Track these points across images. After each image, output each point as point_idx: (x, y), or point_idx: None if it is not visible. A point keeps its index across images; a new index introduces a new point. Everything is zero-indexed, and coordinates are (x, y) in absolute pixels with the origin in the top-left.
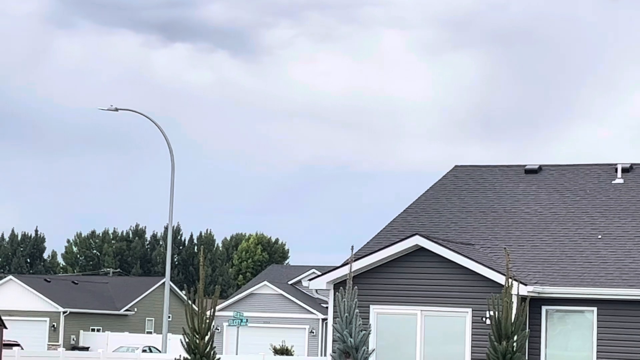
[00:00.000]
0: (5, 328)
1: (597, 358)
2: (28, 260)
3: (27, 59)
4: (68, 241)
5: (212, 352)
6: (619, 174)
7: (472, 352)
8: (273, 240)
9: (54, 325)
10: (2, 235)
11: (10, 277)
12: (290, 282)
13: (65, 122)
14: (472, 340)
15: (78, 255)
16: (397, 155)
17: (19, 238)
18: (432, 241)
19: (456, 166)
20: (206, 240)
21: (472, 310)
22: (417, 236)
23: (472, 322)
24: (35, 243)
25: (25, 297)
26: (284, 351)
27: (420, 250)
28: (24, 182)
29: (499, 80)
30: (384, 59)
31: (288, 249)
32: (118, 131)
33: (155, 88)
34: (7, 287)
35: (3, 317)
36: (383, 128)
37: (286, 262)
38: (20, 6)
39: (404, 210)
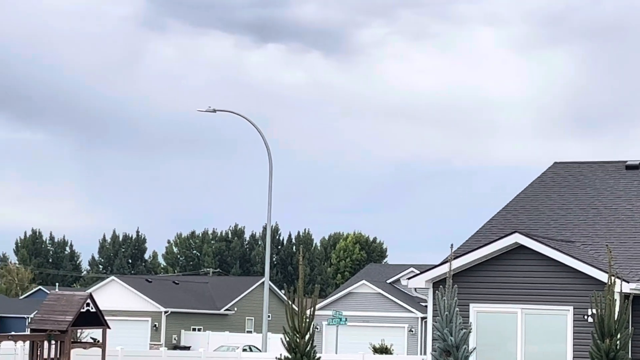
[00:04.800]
0: (109, 328)
1: None
2: (130, 261)
3: (122, 62)
4: (168, 242)
5: (312, 351)
6: None
7: (574, 351)
8: (371, 239)
9: (155, 325)
10: (104, 236)
11: (113, 277)
12: (388, 281)
13: (163, 124)
14: (573, 339)
15: (178, 256)
16: (494, 153)
17: (121, 239)
18: (532, 239)
19: (555, 163)
20: (304, 239)
21: (574, 308)
22: (516, 234)
23: (574, 320)
24: (137, 244)
25: (127, 297)
26: (383, 350)
27: (520, 248)
28: (125, 184)
29: (595, 75)
30: (478, 56)
31: (386, 248)
32: (215, 132)
33: (249, 89)
34: (110, 288)
35: (106, 317)
36: (478, 125)
37: (384, 260)
38: (114, 10)
39: (503, 208)
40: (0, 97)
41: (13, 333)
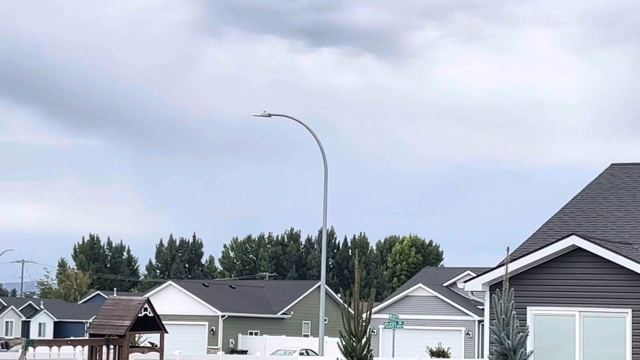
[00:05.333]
0: (166, 332)
1: None
2: (186, 265)
3: (178, 68)
4: (225, 246)
5: (368, 355)
6: None
7: (632, 353)
8: (427, 242)
9: (213, 329)
10: (161, 241)
11: (170, 282)
12: (445, 284)
13: (218, 128)
14: (632, 341)
15: (235, 260)
16: (549, 154)
17: (177, 244)
18: (590, 241)
19: (612, 164)
20: (360, 243)
21: (632, 310)
22: (573, 236)
23: (633, 323)
24: (194, 248)
25: (184, 301)
26: (440, 353)
27: (577, 251)
28: (181, 188)
29: None
30: (532, 57)
31: (442, 251)
32: (270, 136)
33: (303, 92)
34: (167, 292)
35: (163, 322)
36: (533, 127)
37: (440, 263)
38: (170, 16)
39: (560, 210)
40: (59, 104)
41: (72, 338)
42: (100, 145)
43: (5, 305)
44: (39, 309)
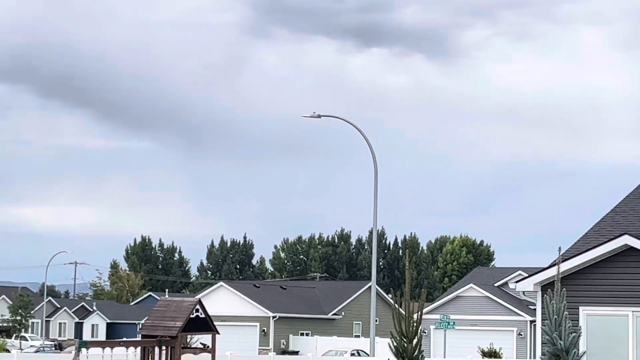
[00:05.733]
0: (218, 333)
1: None
2: (237, 266)
3: (227, 69)
4: (275, 247)
5: (420, 356)
6: None
7: None
8: (478, 242)
9: (264, 330)
10: (212, 242)
11: (221, 283)
12: (496, 284)
13: (268, 129)
14: None
15: (285, 261)
16: (600, 153)
17: (229, 245)
18: None
19: None
20: (410, 243)
21: None
22: (626, 236)
23: None
24: (244, 249)
25: (235, 302)
26: (492, 354)
27: (629, 250)
28: (232, 190)
29: None
30: (583, 55)
31: (493, 251)
32: (320, 137)
33: (352, 93)
34: (218, 293)
35: (215, 323)
36: (583, 125)
37: (492, 263)
38: (219, 17)
39: (612, 210)
40: (110, 107)
41: (124, 339)
42: (151, 148)
43: (59, 306)
44: (91, 310)
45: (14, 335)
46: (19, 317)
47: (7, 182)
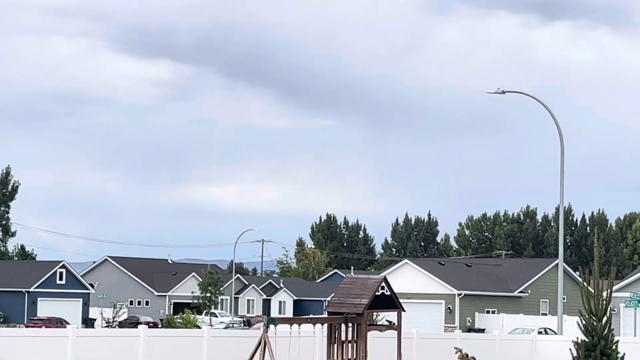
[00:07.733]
0: (403, 311)
1: None
2: (422, 244)
3: (408, 46)
4: (460, 224)
5: (610, 334)
6: None
7: None
8: None
9: (449, 307)
10: (397, 220)
11: (406, 260)
12: None
13: (451, 106)
14: None
15: (470, 238)
16: None
17: (413, 222)
18: None
19: None
20: (598, 220)
21: None
22: None
23: None
24: (429, 227)
25: (420, 280)
26: None
27: None
28: (416, 167)
29: None
30: None
31: None
32: (504, 113)
33: (536, 68)
34: (403, 271)
35: (400, 300)
36: None
37: None
38: None
39: None
40: (293, 86)
41: (311, 316)
42: (334, 126)
43: (247, 283)
44: (278, 287)
45: (204, 311)
46: (208, 294)
47: (195, 162)
